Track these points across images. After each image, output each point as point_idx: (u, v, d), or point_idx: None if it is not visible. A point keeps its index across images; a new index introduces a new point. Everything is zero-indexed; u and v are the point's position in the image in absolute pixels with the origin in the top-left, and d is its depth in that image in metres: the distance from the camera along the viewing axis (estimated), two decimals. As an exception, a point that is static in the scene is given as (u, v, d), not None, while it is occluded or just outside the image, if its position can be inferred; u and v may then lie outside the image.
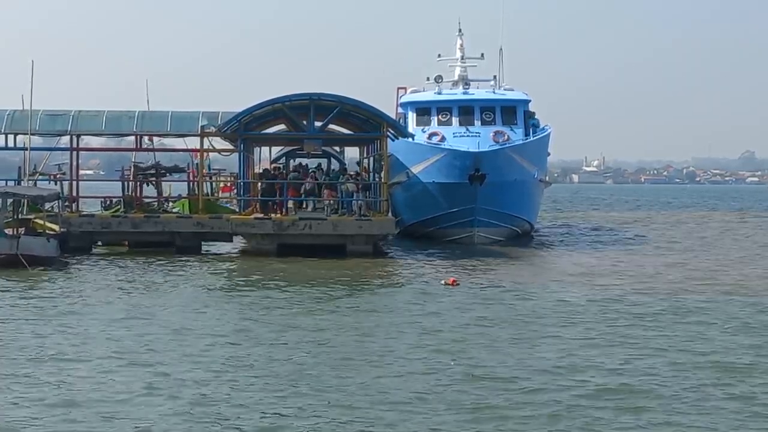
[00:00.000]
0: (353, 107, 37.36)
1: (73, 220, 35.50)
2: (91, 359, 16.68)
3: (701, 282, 28.18)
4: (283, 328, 19.76)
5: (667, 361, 16.76)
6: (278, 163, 49.36)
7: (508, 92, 46.40)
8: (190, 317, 21.08)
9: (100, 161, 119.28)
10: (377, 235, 35.44)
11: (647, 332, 19.62)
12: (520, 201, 42.01)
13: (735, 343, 18.63)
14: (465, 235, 40.31)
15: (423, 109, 45.22)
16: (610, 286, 27.02)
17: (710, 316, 21.77)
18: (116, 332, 19.22)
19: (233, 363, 16.38)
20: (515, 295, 24.89)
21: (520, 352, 17.45)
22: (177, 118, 37.80)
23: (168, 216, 37.32)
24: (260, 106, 36.78)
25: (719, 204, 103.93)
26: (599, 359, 16.90)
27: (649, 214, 77.42)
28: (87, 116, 38.11)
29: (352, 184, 37.00)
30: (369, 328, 19.93)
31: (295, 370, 15.83)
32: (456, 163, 39.38)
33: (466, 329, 19.80)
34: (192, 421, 12.99)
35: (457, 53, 49.72)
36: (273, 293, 25.06)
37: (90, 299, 23.66)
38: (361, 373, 15.69)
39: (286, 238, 34.74)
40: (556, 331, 19.61)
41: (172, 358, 16.80)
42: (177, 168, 42.86)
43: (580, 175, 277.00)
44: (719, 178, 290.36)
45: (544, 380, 15.25)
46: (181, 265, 31.65)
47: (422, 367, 16.13)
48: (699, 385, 15.00)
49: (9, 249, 29.22)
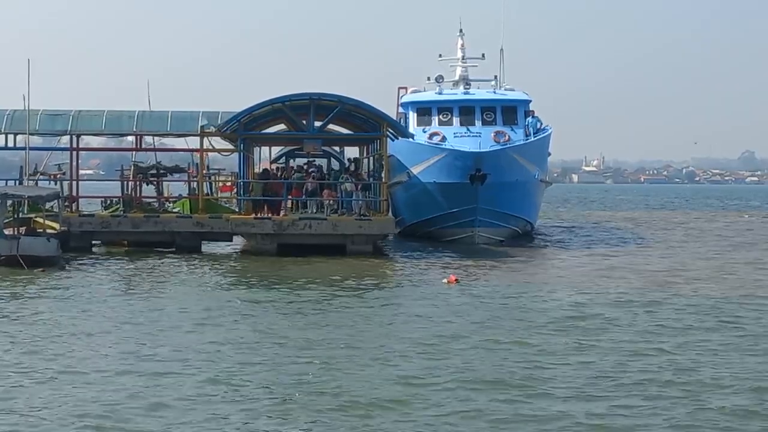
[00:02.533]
0: (353, 107, 37.33)
1: (73, 219, 35.46)
2: (91, 360, 16.66)
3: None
4: (283, 328, 19.72)
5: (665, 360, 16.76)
6: (278, 163, 49.34)
7: (508, 92, 46.36)
8: (190, 317, 21.04)
9: (100, 161, 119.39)
10: (377, 234, 35.41)
11: (645, 332, 19.58)
12: (520, 201, 41.98)
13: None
14: (465, 235, 40.28)
15: (424, 109, 45.17)
16: (610, 286, 26.97)
17: (684, 312, 21.74)
18: (116, 333, 19.21)
19: (233, 363, 16.33)
20: (515, 295, 24.84)
21: (518, 353, 17.39)
22: (177, 118, 37.75)
23: (168, 216, 37.28)
24: (260, 106, 36.74)
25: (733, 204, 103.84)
26: (598, 360, 16.86)
27: (673, 214, 77.22)
28: (87, 116, 38.06)
29: (351, 183, 36.97)
30: (368, 328, 19.88)
31: (295, 370, 15.77)
32: (457, 164, 39.36)
33: (465, 328, 19.74)
34: (192, 424, 12.94)
35: (458, 53, 49.67)
36: (273, 293, 25.01)
37: (90, 299, 23.63)
38: (358, 372, 15.65)
39: (286, 238, 34.71)
40: (555, 332, 19.54)
41: (172, 358, 16.77)
42: (178, 168, 42.84)
43: (579, 175, 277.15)
44: (719, 178, 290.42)
45: (542, 381, 15.21)
46: (181, 264, 31.61)
47: (420, 368, 16.07)
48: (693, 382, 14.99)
49: (9, 250, 29.12)
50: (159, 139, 42.57)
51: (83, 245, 35.07)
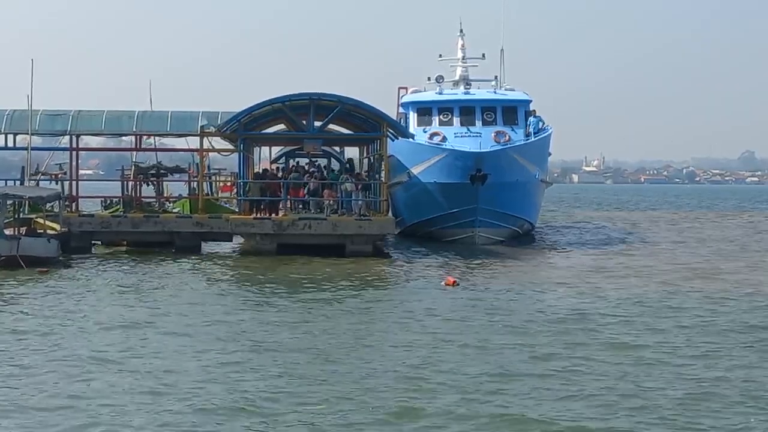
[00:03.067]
0: (353, 107, 37.31)
1: (73, 219, 35.44)
2: (93, 359, 16.66)
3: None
4: (283, 328, 19.73)
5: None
6: (278, 162, 49.30)
7: (509, 92, 46.35)
8: (190, 317, 21.03)
9: (100, 161, 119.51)
10: (377, 235, 35.39)
11: (646, 332, 19.58)
12: (521, 201, 41.97)
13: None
14: (466, 235, 40.26)
15: (424, 109, 45.16)
16: (610, 287, 26.96)
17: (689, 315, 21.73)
18: (116, 333, 19.22)
19: (232, 363, 16.33)
20: (515, 296, 24.82)
21: (516, 354, 17.37)
22: (177, 118, 37.75)
23: (167, 216, 37.26)
24: (260, 106, 36.72)
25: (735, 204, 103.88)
26: (598, 360, 16.85)
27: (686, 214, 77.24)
28: (87, 116, 38.06)
29: (351, 183, 36.94)
30: (366, 328, 19.87)
31: (295, 370, 15.77)
32: (457, 164, 39.34)
33: (463, 330, 19.71)
34: (192, 426, 12.92)
35: (459, 53, 49.67)
36: (273, 293, 25.01)
37: (91, 300, 23.65)
38: (356, 372, 15.65)
39: (285, 238, 34.69)
40: (554, 332, 19.52)
41: (172, 358, 16.76)
42: (178, 168, 42.82)
43: (579, 175, 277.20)
44: (719, 178, 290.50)
45: (538, 382, 15.18)
46: (181, 265, 31.58)
47: (419, 367, 16.04)
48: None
49: (9, 250, 29.11)
50: (159, 139, 42.54)
51: (83, 245, 35.05)
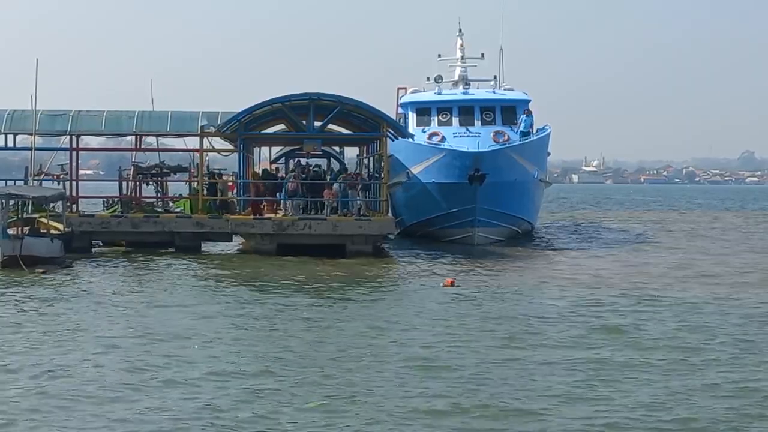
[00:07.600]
0: (353, 107, 37.35)
1: (73, 220, 35.47)
2: (94, 361, 16.72)
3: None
4: (282, 328, 19.79)
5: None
6: (278, 163, 49.35)
7: (508, 92, 46.40)
8: (190, 318, 21.09)
9: (100, 161, 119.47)
10: (377, 235, 35.45)
11: (645, 332, 19.65)
12: (520, 201, 42.00)
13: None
14: (465, 235, 40.29)
15: (423, 110, 45.21)
16: (610, 287, 27.01)
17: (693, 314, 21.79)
18: (115, 333, 19.26)
19: (231, 363, 16.39)
20: (514, 297, 24.86)
21: (516, 354, 17.43)
22: (177, 118, 37.78)
23: (167, 216, 37.31)
24: (260, 106, 36.76)
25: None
26: (598, 361, 16.90)
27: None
28: (86, 116, 38.08)
29: (338, 184, 37.07)
30: (365, 328, 19.88)
31: (294, 369, 15.83)
32: (456, 164, 39.38)
33: (462, 330, 19.75)
34: (191, 427, 13.01)
35: (457, 53, 49.66)
36: (272, 293, 25.05)
37: (91, 300, 23.69)
38: (354, 372, 15.71)
39: (285, 238, 34.74)
40: (553, 332, 19.58)
41: (171, 358, 16.82)
42: (180, 168, 42.84)
43: (579, 175, 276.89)
44: (719, 178, 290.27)
45: (537, 382, 15.25)
46: (181, 265, 31.62)
47: (418, 367, 16.11)
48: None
49: (12, 250, 29.13)
50: (159, 139, 42.56)
51: (83, 245, 35.07)
